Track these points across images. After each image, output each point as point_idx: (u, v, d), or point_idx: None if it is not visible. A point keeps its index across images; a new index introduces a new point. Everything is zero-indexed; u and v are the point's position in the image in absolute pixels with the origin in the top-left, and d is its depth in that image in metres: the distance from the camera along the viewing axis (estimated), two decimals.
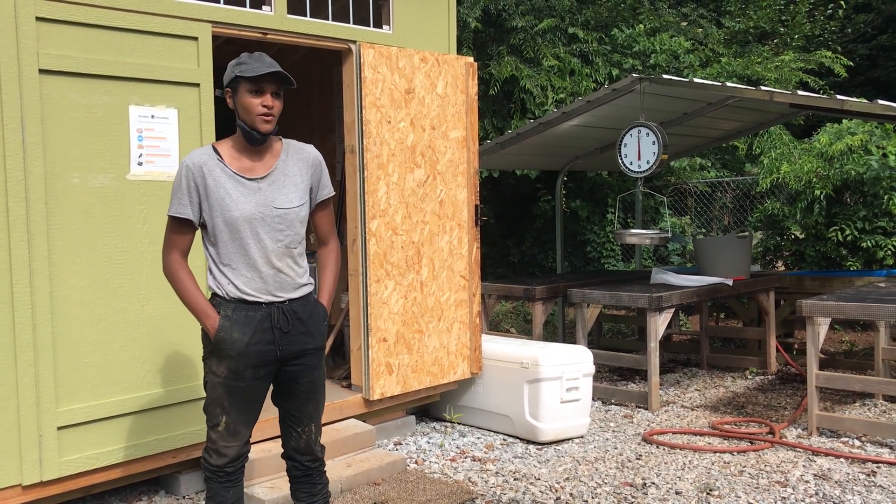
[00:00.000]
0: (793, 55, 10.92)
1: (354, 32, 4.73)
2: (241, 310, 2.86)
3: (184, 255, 2.93)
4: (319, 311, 3.04)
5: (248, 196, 2.85)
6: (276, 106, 2.85)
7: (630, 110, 6.57)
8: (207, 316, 2.87)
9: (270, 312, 2.88)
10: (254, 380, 2.90)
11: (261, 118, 2.82)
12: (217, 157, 2.87)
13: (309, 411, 3.03)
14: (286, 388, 3.01)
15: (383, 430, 5.10)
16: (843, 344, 8.22)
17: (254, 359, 2.87)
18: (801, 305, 5.13)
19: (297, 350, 2.95)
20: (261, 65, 2.81)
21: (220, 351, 2.87)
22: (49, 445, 3.61)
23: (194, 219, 2.87)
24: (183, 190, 2.85)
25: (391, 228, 4.87)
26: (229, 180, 2.85)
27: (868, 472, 4.43)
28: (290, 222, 2.91)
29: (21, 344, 3.53)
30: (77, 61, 3.65)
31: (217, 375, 2.90)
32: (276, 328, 2.89)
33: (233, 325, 2.85)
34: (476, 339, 5.36)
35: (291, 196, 2.91)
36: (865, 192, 7.71)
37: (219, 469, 2.97)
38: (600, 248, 10.43)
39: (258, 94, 2.82)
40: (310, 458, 3.09)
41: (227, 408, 2.91)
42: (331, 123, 6.42)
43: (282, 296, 2.91)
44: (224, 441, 2.94)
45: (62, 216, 3.66)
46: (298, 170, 2.97)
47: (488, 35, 9.76)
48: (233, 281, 2.87)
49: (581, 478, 4.43)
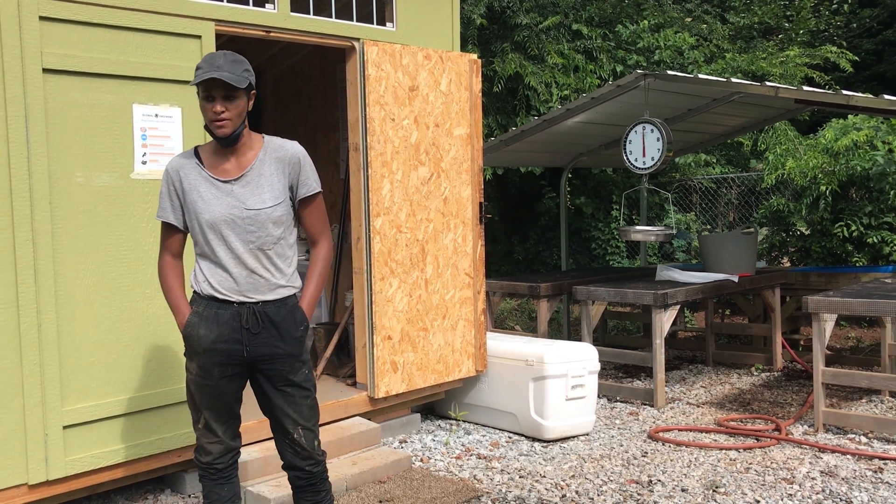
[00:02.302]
0: (798, 50, 10.89)
1: (358, 30, 4.72)
2: (211, 307, 2.88)
3: (175, 256, 2.99)
4: (296, 315, 2.97)
5: (220, 198, 2.85)
6: (228, 110, 2.76)
7: (635, 107, 6.55)
8: (179, 311, 2.94)
9: (240, 312, 2.88)
10: (221, 378, 2.91)
11: (214, 124, 2.79)
12: (196, 160, 2.90)
13: (292, 416, 2.96)
14: (264, 394, 2.99)
15: (388, 428, 5.10)
16: (850, 340, 8.19)
17: (220, 357, 2.88)
18: (807, 302, 5.11)
19: (266, 353, 2.91)
20: (209, 68, 2.73)
21: (189, 347, 2.93)
22: (55, 444, 3.62)
23: (177, 223, 2.93)
24: (164, 194, 2.92)
25: (395, 226, 4.86)
26: (204, 183, 2.87)
27: (875, 469, 4.42)
28: (261, 223, 2.86)
29: (26, 343, 3.53)
30: (81, 60, 3.65)
31: (190, 372, 2.96)
32: (245, 328, 2.87)
33: (201, 321, 2.88)
34: (481, 336, 5.35)
35: (264, 196, 2.87)
36: (871, 187, 7.68)
37: (208, 466, 3.01)
38: (605, 245, 10.41)
39: (208, 100, 2.77)
40: (310, 463, 3.02)
41: (198, 406, 2.96)
42: (334, 121, 6.42)
43: (254, 297, 2.89)
44: (206, 438, 2.99)
45: (66, 215, 3.66)
46: (275, 169, 2.91)
47: (492, 32, 9.74)
48: (208, 279, 2.90)
49: (587, 475, 4.42)
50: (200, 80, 2.73)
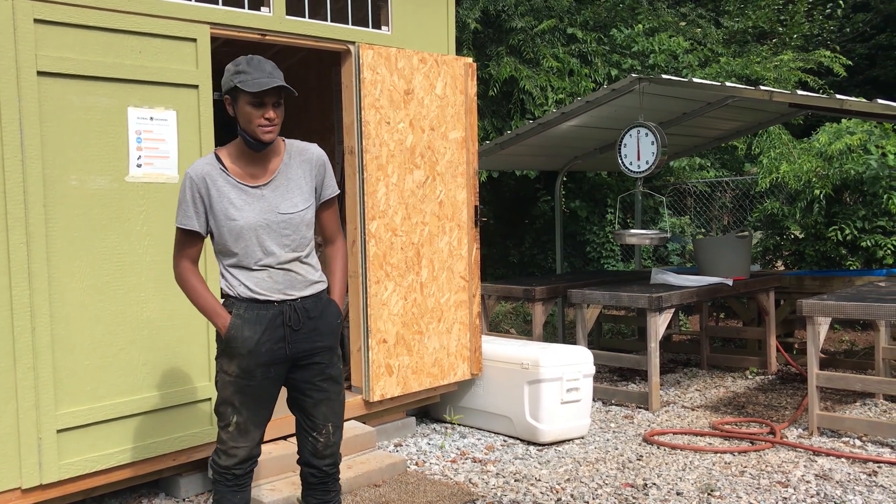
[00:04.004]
0: (792, 55, 10.92)
1: (353, 33, 4.72)
2: (252, 308, 2.87)
3: (194, 262, 2.96)
4: (332, 308, 3.03)
5: (251, 204, 2.85)
6: (277, 117, 2.82)
7: (629, 110, 6.57)
8: (218, 315, 2.89)
9: (282, 310, 2.88)
10: (264, 379, 2.90)
11: (262, 129, 2.80)
12: (220, 165, 2.87)
13: (325, 412, 2.99)
14: (299, 390, 2.99)
15: (383, 432, 5.09)
16: (844, 343, 8.21)
17: (264, 357, 2.87)
18: (802, 305, 5.12)
19: (307, 349, 2.93)
20: (261, 75, 2.76)
21: (231, 349, 2.87)
22: (48, 448, 3.60)
23: (201, 230, 2.89)
24: (188, 202, 2.86)
25: (391, 230, 4.86)
26: (232, 189, 2.85)
27: (869, 472, 4.43)
28: (295, 226, 2.90)
29: (20, 347, 3.52)
30: (75, 63, 3.65)
31: (228, 374, 2.90)
32: (287, 326, 2.88)
33: (244, 323, 2.86)
34: (476, 339, 5.35)
35: (295, 200, 2.90)
36: (865, 191, 7.71)
37: (227, 471, 2.95)
38: (600, 249, 10.42)
39: (259, 106, 2.78)
40: (328, 463, 3.03)
41: (237, 407, 2.91)
42: (329, 125, 6.42)
43: (293, 294, 2.91)
44: (234, 441, 2.93)
45: (61, 218, 3.65)
46: (302, 172, 2.95)
47: (487, 36, 9.75)
48: (244, 282, 2.88)
49: (582, 479, 4.42)
50: (267, 88, 2.72)
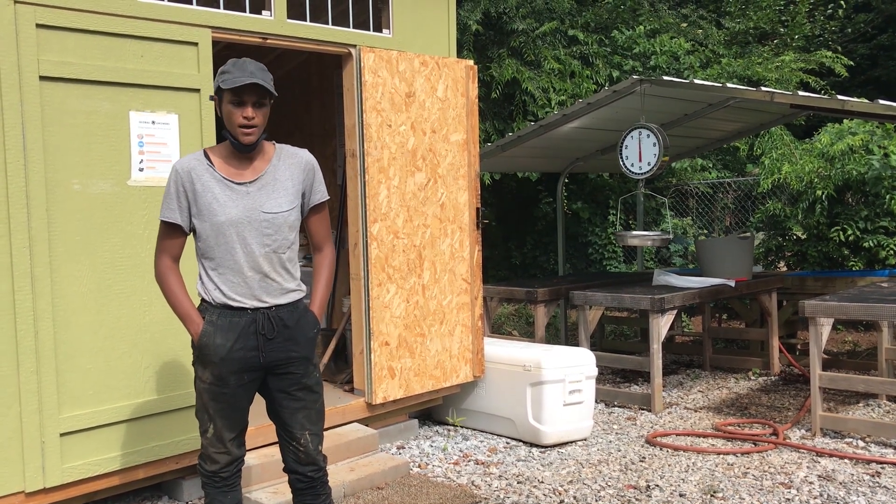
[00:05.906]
0: (793, 55, 10.92)
1: (354, 36, 4.73)
2: (225, 315, 2.86)
3: (174, 260, 2.94)
4: (308, 318, 2.99)
5: (235, 200, 2.84)
6: (257, 117, 2.80)
7: (631, 112, 6.57)
8: (192, 321, 2.88)
9: (255, 318, 2.86)
10: (238, 386, 2.89)
11: (241, 130, 2.79)
12: (207, 162, 2.87)
13: (301, 421, 2.97)
14: (275, 399, 2.98)
15: (386, 434, 5.10)
16: (847, 344, 8.20)
17: (237, 365, 2.86)
18: (804, 306, 5.12)
19: (281, 358, 2.91)
20: (241, 74, 2.75)
21: (204, 356, 2.87)
22: (52, 452, 3.61)
23: (183, 224, 2.88)
24: (172, 195, 2.86)
25: (392, 232, 4.87)
26: (217, 185, 2.85)
27: (872, 473, 4.42)
28: (277, 227, 2.88)
29: (23, 351, 3.53)
30: (77, 68, 3.66)
31: (203, 381, 2.91)
32: (261, 334, 2.86)
33: (216, 330, 2.85)
34: (478, 342, 5.35)
35: (280, 200, 2.89)
36: (867, 191, 7.70)
37: (213, 474, 2.97)
38: (602, 250, 10.42)
39: (239, 105, 2.78)
40: (312, 469, 3.03)
41: (212, 415, 2.91)
42: (331, 128, 6.42)
43: (267, 301, 2.88)
44: (213, 447, 2.94)
45: (63, 222, 3.66)
46: (290, 174, 2.94)
47: (489, 38, 9.76)
48: (219, 286, 2.86)
49: (584, 480, 4.42)
50: (240, 85, 2.72)
